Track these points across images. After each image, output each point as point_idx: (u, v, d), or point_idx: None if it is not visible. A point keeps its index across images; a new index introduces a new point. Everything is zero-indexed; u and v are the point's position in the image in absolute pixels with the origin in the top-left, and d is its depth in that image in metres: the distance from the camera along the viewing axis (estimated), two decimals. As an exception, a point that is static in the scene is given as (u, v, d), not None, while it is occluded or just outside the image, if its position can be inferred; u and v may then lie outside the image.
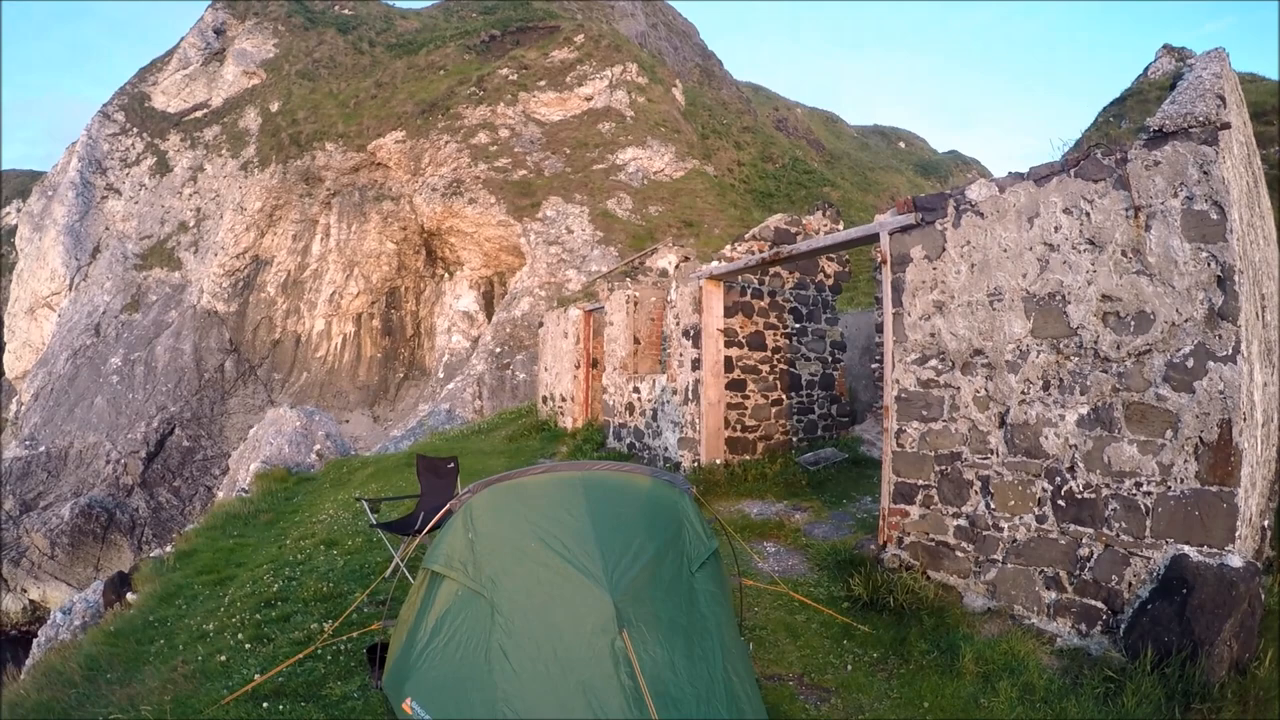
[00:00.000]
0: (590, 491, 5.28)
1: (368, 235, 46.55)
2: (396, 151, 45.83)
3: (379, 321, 48.04)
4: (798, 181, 49.91)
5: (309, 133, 48.53)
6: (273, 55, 58.76)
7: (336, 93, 51.85)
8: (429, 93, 48.39)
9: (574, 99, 48.12)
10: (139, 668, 7.04)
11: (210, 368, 46.13)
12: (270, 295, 48.24)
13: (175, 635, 7.85)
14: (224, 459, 40.42)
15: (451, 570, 5.04)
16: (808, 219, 14.24)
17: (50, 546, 35.17)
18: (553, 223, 39.74)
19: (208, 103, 58.65)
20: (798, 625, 6.95)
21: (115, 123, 59.71)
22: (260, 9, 63.76)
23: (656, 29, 71.96)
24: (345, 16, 63.55)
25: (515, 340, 35.47)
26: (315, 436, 20.96)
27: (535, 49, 51.96)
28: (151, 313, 48.55)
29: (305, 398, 44.02)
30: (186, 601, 9.04)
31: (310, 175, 47.67)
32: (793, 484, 11.52)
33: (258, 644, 7.12)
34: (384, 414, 45.53)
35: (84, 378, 46.03)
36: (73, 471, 41.19)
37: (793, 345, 13.86)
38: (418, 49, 55.12)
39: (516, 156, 43.94)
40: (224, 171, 52.02)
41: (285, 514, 13.92)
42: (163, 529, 37.27)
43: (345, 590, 8.44)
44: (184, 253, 50.97)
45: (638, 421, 14.91)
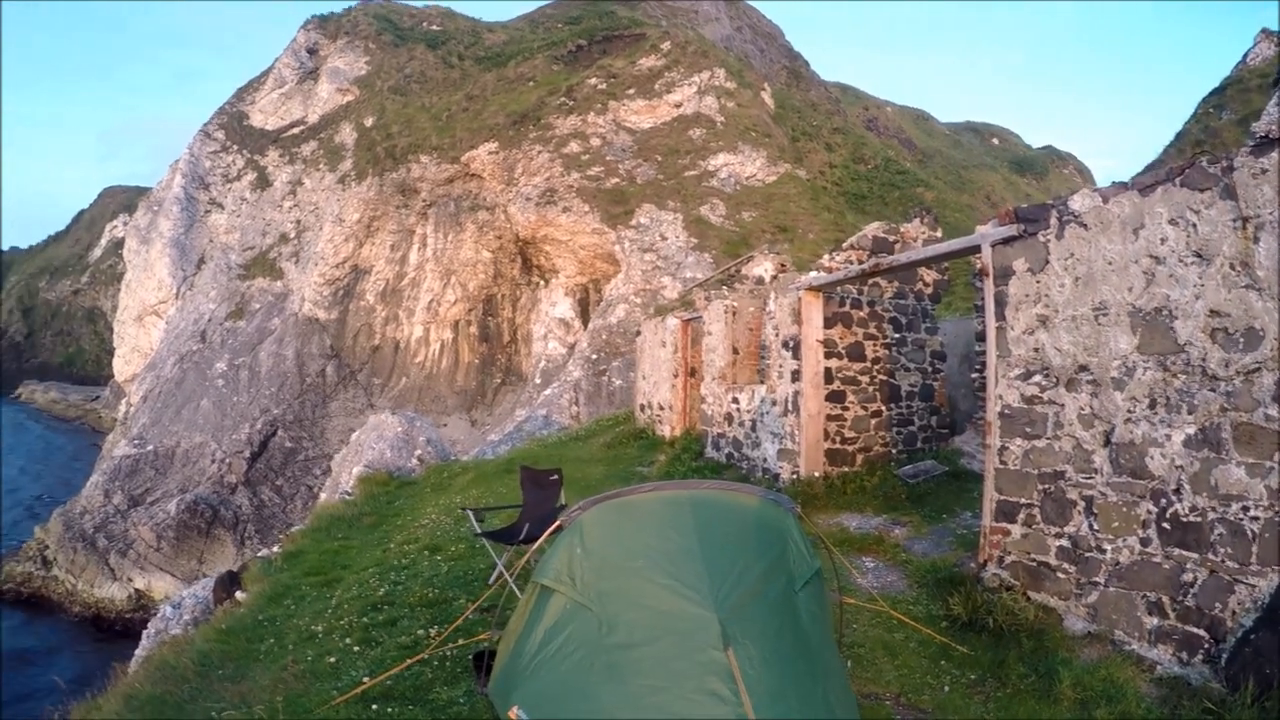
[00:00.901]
0: (698, 510, 5.25)
1: (464, 244, 47.05)
2: (490, 162, 46.22)
3: (476, 328, 48.45)
4: (890, 182, 49.06)
5: (403, 146, 49.30)
6: (365, 72, 60.05)
7: (429, 106, 52.62)
8: (519, 104, 48.73)
9: (663, 106, 48.03)
10: (250, 666, 7.16)
11: (312, 372, 47.19)
12: (370, 303, 49.11)
13: (285, 635, 7.96)
14: (325, 460, 41.31)
15: (561, 584, 5.04)
16: (905, 227, 13.85)
17: (156, 539, 36.37)
18: (646, 230, 39.62)
19: (304, 119, 60.20)
20: (896, 644, 6.81)
21: (216, 140, 61.59)
22: (351, 28, 65.25)
23: (741, 32, 71.69)
24: (434, 32, 64.61)
25: (611, 347, 35.38)
26: (416, 441, 21.07)
27: (623, 57, 52.03)
28: (255, 320, 49.95)
29: (404, 402, 44.58)
30: (295, 602, 9.19)
31: (406, 187, 48.41)
32: (892, 497, 11.25)
33: (366, 647, 7.25)
34: (481, 418, 45.86)
35: (191, 381, 47.44)
36: (179, 469, 42.39)
37: (892, 356, 13.54)
38: (506, 61, 55.62)
39: (609, 165, 43.97)
40: (322, 185, 53.30)
41: (388, 517, 14.02)
42: (265, 526, 38.38)
43: (450, 596, 8.50)
44: (285, 263, 52.33)
45: (736, 432, 14.68)
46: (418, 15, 69.08)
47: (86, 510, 39.29)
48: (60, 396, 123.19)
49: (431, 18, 67.95)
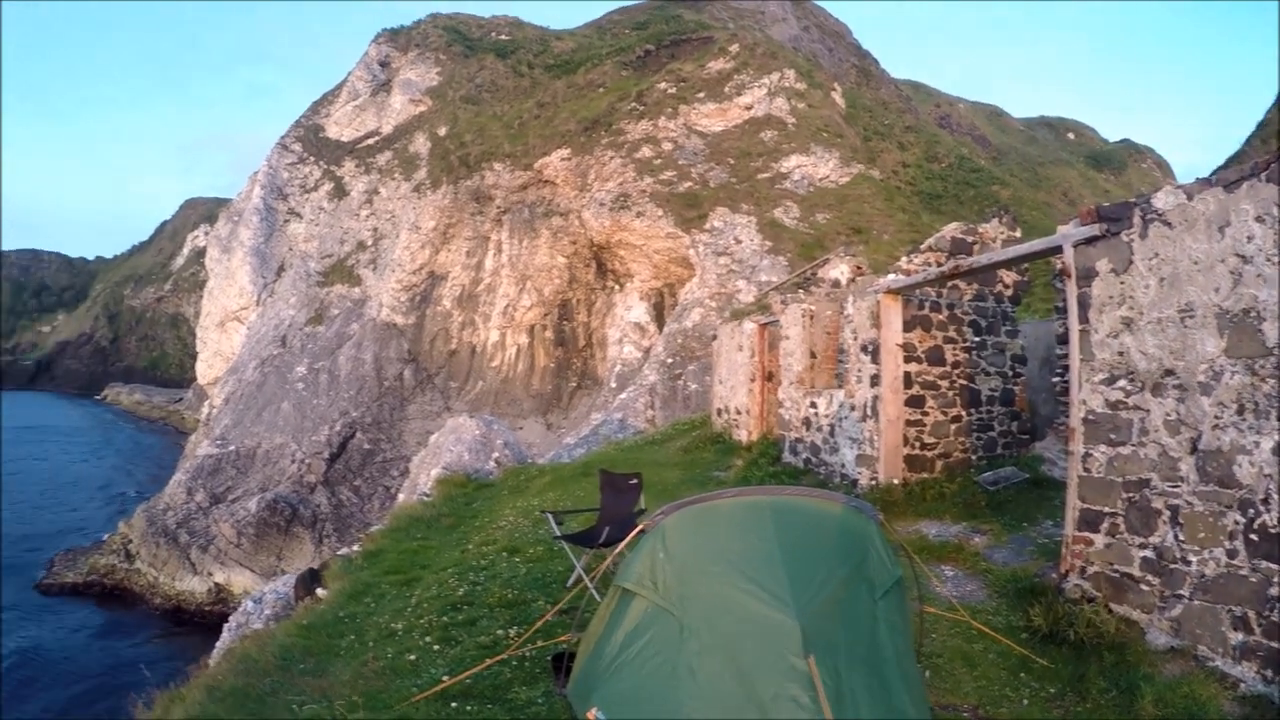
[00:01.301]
0: (780, 516, 5.28)
1: (539, 250, 47.35)
2: (563, 169, 46.48)
3: (552, 332, 48.69)
4: (965, 181, 48.15)
5: (477, 154, 49.89)
6: (437, 83, 61.00)
7: (500, 115, 53.13)
8: (590, 110, 48.93)
9: (734, 109, 47.84)
10: (330, 661, 7.25)
11: (390, 376, 47.92)
12: (446, 308, 49.78)
13: (365, 632, 8.03)
14: (402, 461, 41.89)
15: (643, 588, 5.09)
16: (984, 227, 13.60)
17: (237, 536, 37.19)
18: (720, 233, 39.39)
19: (378, 130, 61.30)
20: (974, 654, 6.65)
21: (293, 153, 62.93)
22: (421, 40, 66.26)
23: (809, 31, 71.13)
24: (502, 42, 65.19)
25: (686, 351, 35.25)
26: (494, 444, 21.07)
27: (691, 61, 51.95)
28: (334, 325, 50.93)
29: (480, 405, 45.04)
30: (375, 600, 9.28)
31: (480, 194, 48.98)
32: (971, 505, 10.98)
33: (445, 645, 7.29)
34: (557, 422, 46.05)
35: (271, 384, 48.51)
36: (260, 469, 43.36)
37: (972, 360, 13.18)
38: (575, 68, 55.92)
39: (681, 169, 43.86)
40: (398, 194, 54.19)
41: (466, 519, 14.02)
42: (343, 524, 39.00)
43: (529, 598, 8.52)
44: (363, 270, 53.28)
45: (814, 437, 14.45)
46: (486, 25, 69.84)
47: (169, 507, 40.36)
48: (145, 398, 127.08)
49: (500, 27, 68.66)
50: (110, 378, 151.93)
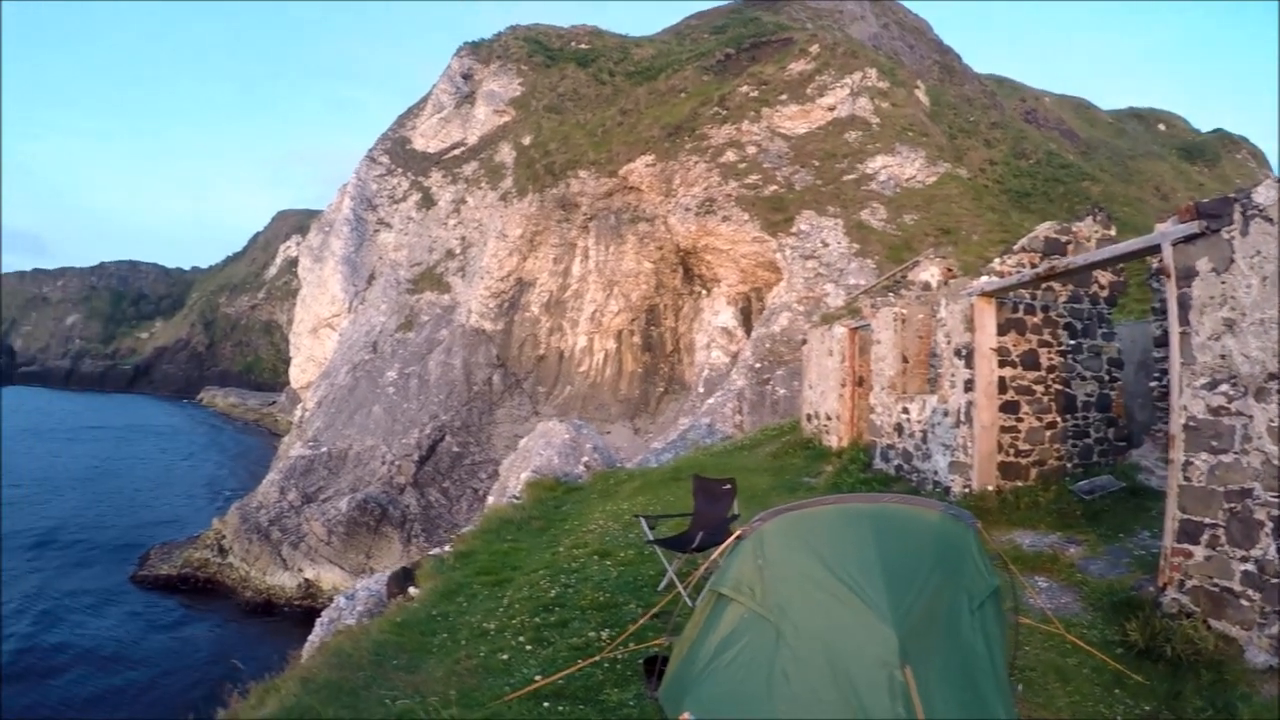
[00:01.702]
0: (878, 524, 5.21)
1: (625, 256, 47.53)
2: (647, 174, 46.67)
3: (639, 338, 48.77)
4: (1054, 177, 46.97)
5: (561, 162, 50.41)
6: (519, 93, 61.88)
7: (584, 123, 53.63)
8: (673, 116, 49.05)
9: (817, 110, 47.50)
10: (424, 658, 7.36)
11: (479, 381, 48.68)
12: (534, 314, 50.34)
13: (457, 631, 8.16)
14: (491, 464, 42.50)
15: (739, 594, 5.09)
16: (1077, 226, 13.18)
17: (327, 534, 38.07)
18: (807, 237, 39.09)
19: (463, 141, 62.41)
20: (1068, 669, 6.51)
21: (381, 165, 64.40)
22: (502, 52, 67.24)
23: (888, 29, 70.30)
24: (583, 51, 65.79)
25: (775, 356, 34.98)
26: (583, 449, 21.16)
27: (772, 63, 51.73)
28: (424, 331, 51.95)
29: (568, 410, 45.34)
30: (467, 599, 9.38)
31: (566, 201, 49.40)
32: (1066, 514, 10.70)
33: (538, 646, 7.36)
34: (644, 426, 46.08)
35: (363, 388, 49.63)
36: (351, 470, 44.25)
37: (1067, 364, 12.78)
38: (656, 74, 56.12)
39: (766, 172, 43.70)
40: (484, 202, 55.09)
41: (555, 522, 14.13)
42: (431, 525, 39.58)
43: (620, 601, 8.55)
44: (452, 277, 54.35)
45: (906, 443, 14.26)
46: (566, 35, 70.53)
47: (262, 505, 41.49)
48: (239, 401, 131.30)
49: (580, 37, 69.27)
50: (206, 381, 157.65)
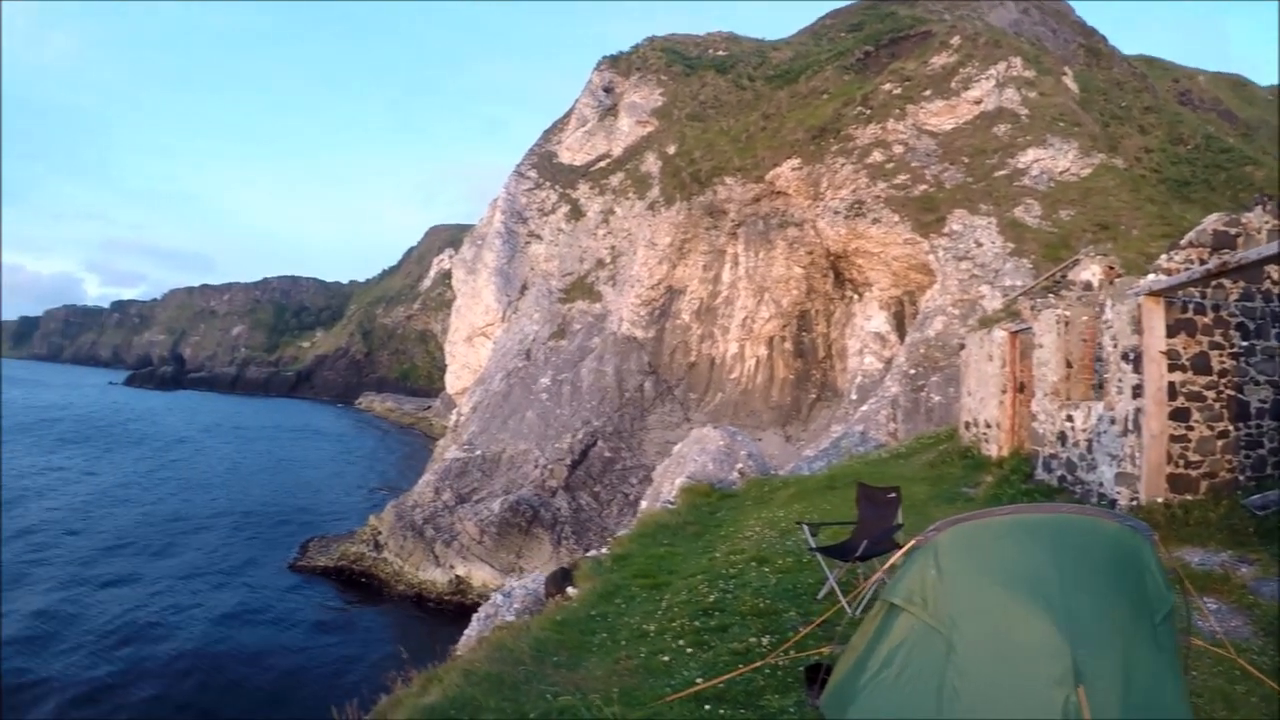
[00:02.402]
0: (1055, 534, 5.04)
1: (775, 261, 47.63)
2: (794, 179, 46.64)
3: (790, 344, 48.58)
4: (1214, 163, 44.43)
5: (707, 169, 50.87)
6: (661, 103, 62.82)
7: (727, 129, 54.07)
8: (816, 118, 48.81)
9: (962, 104, 46.44)
10: (584, 656, 7.53)
11: (630, 388, 49.57)
12: (685, 321, 50.95)
13: (617, 631, 8.29)
14: (642, 469, 43.30)
15: (911, 605, 4.98)
16: (1246, 217, 12.14)
17: (479, 534, 39.19)
18: (960, 237, 38.19)
19: (609, 153, 63.91)
20: (1236, 696, 6.14)
21: (529, 179, 66.60)
22: (641, 64, 68.36)
23: (1029, 14, 67.96)
24: (720, 57, 66.28)
25: (929, 361, 34.23)
26: (737, 455, 20.91)
27: (913, 59, 50.93)
28: (576, 339, 53.46)
29: (719, 417, 45.36)
30: (625, 601, 9.55)
31: (713, 209, 49.85)
32: (1238, 531, 10.04)
33: (698, 649, 7.38)
34: (796, 434, 45.90)
35: (516, 395, 51.30)
36: (504, 473, 45.68)
37: (1240, 367, 11.77)
38: (796, 77, 56.01)
39: (914, 171, 43.01)
40: (632, 212, 56.15)
41: (710, 528, 14.10)
42: (581, 528, 40.30)
43: (780, 608, 8.47)
44: (603, 286, 55.74)
45: (1069, 453, 13.47)
46: (703, 43, 71.18)
47: (418, 504, 43.03)
48: (396, 405, 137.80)
49: (716, 43, 69.82)
50: (364, 387, 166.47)
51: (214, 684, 27.05)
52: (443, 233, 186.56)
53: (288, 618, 33.54)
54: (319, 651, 30.30)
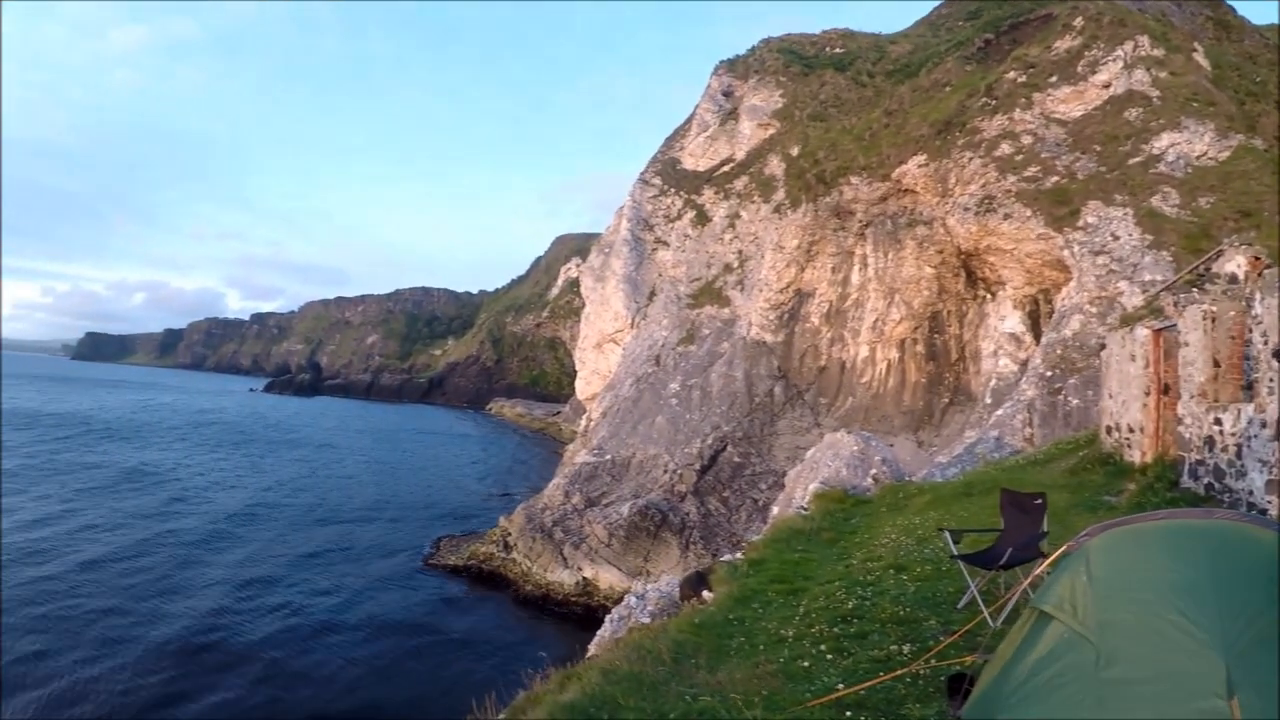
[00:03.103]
0: (1210, 542, 4.94)
1: (904, 261, 47.22)
2: (921, 176, 46.28)
3: (922, 346, 47.83)
4: (1363, 139, 42.64)
5: (831, 170, 51.05)
6: (781, 105, 63.60)
7: (849, 128, 54.29)
8: (940, 112, 48.35)
9: (1090, 89, 45.28)
10: (722, 659, 7.71)
11: (760, 392, 49.95)
12: (815, 325, 51.02)
13: (754, 635, 8.46)
14: (771, 475, 43.91)
15: (1061, 612, 4.93)
16: None
17: (608, 537, 40.04)
18: (1095, 230, 37.36)
19: (731, 157, 65.06)
20: None
21: (654, 186, 68.36)
22: (759, 66, 69.25)
23: (1149, -13, 65.72)
24: (838, 55, 66.60)
25: (1066, 363, 33.26)
26: (871, 461, 21.02)
27: (1035, 44, 50.08)
28: (705, 344, 54.43)
29: (850, 422, 45.40)
30: (762, 606, 9.74)
31: (840, 209, 49.94)
32: None
33: (838, 656, 7.49)
34: (928, 439, 45.27)
35: (646, 400, 52.50)
36: (633, 477, 46.66)
37: None
38: (917, 70, 55.86)
39: (1044, 163, 42.24)
40: (758, 216, 56.92)
41: (845, 534, 14.17)
42: (710, 533, 40.73)
43: (920, 616, 8.48)
44: (731, 291, 56.63)
45: (1217, 458, 12.69)
46: (819, 41, 71.57)
47: (547, 507, 44.24)
48: (525, 411, 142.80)
49: (833, 41, 70.02)
50: (494, 393, 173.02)
51: (346, 675, 28.45)
52: (569, 242, 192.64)
53: (418, 613, 34.93)
54: (448, 647, 31.41)
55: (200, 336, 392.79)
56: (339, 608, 34.68)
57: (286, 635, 31.34)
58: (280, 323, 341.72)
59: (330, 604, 35.04)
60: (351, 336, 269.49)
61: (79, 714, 24.62)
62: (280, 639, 30.86)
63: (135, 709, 25.08)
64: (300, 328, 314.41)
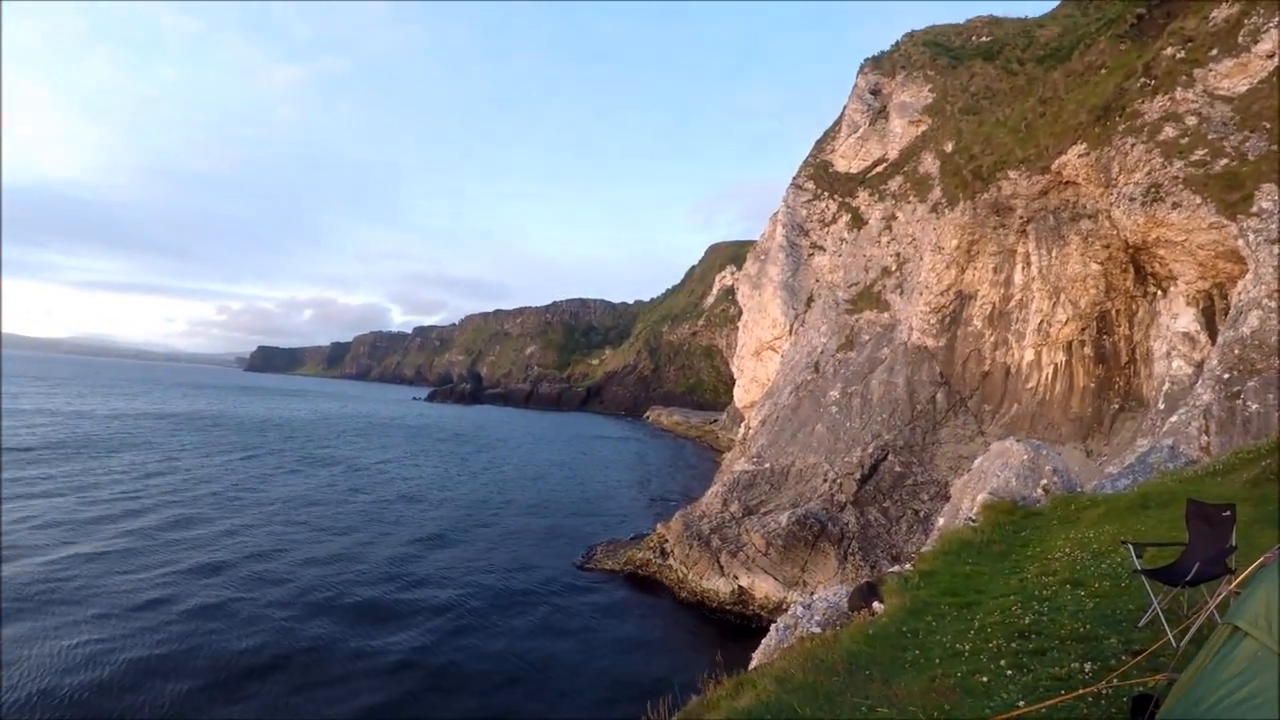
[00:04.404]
0: None
1: (1069, 258, 46.13)
2: (1081, 166, 45.41)
3: (1090, 348, 45.80)
4: None
5: (988, 165, 50.67)
6: (931, 100, 63.43)
7: (1003, 120, 53.73)
8: (1097, 96, 47.30)
9: (1254, 60, 42.79)
10: (897, 672, 7.84)
11: (922, 399, 49.58)
12: (977, 328, 50.01)
13: (929, 649, 8.56)
14: (933, 485, 43.66)
15: (1256, 629, 4.84)
16: None
17: (765, 546, 40.06)
18: (1271, 216, 35.18)
19: (884, 157, 65.50)
20: None
21: (807, 191, 69.67)
22: (905, 62, 69.19)
23: (1310, -58, 62.34)
24: (984, 44, 65.82)
25: (1245, 364, 31.17)
26: (1041, 471, 20.34)
27: (1191, 15, 47.97)
28: (865, 351, 54.91)
29: (1014, 430, 44.37)
30: (935, 619, 9.84)
31: (999, 206, 49.34)
32: None
33: (1017, 672, 7.49)
34: (1097, 448, 43.10)
35: (805, 408, 53.27)
36: (792, 486, 47.08)
37: None
38: (1068, 54, 54.73)
39: (1211, 144, 40.57)
40: (915, 216, 56.78)
41: (1016, 547, 14.07)
42: (869, 544, 40.33)
43: (1099, 634, 8.39)
44: (890, 295, 56.92)
45: None
46: (965, 31, 70.76)
47: (705, 514, 44.87)
48: (682, 419, 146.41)
49: (978, 29, 69.06)
50: (651, 402, 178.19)
51: (506, 668, 28.92)
52: (723, 250, 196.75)
53: (576, 615, 35.77)
54: (606, 649, 31.86)
55: (365, 349, 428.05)
56: (500, 603, 36.00)
57: (449, 626, 32.49)
58: (441, 335, 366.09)
59: (491, 598, 36.53)
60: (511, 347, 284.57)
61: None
62: (442, 629, 31.97)
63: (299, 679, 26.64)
64: (461, 339, 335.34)
